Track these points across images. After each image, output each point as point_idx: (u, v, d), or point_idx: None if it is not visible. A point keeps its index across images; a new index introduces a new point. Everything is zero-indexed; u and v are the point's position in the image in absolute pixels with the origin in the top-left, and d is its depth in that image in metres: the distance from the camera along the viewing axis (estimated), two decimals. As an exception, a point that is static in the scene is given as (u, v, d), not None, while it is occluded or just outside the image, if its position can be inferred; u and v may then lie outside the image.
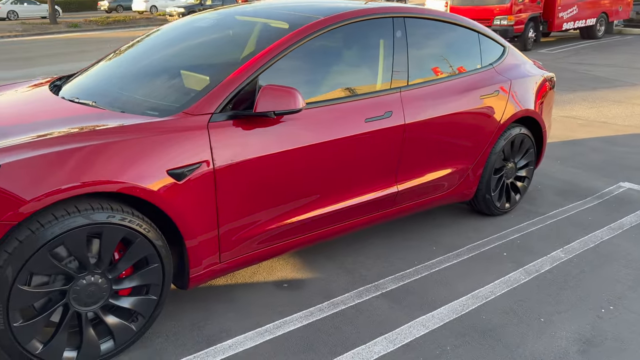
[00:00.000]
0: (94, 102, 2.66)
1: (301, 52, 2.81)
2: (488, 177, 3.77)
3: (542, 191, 4.52)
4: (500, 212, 4.00)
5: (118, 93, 2.73)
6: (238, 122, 2.51)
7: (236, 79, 2.54)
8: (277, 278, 3.08)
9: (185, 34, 3.19)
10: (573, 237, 3.68)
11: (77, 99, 2.74)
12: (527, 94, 3.90)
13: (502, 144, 3.77)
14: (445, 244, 3.55)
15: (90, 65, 3.34)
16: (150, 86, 2.71)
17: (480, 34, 3.78)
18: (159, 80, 2.75)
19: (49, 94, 2.88)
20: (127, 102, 2.60)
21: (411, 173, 3.27)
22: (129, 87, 2.77)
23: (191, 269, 2.45)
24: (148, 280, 2.31)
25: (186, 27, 3.28)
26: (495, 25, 13.00)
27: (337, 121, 2.82)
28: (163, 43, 3.14)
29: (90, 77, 3.07)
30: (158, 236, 2.28)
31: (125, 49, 3.33)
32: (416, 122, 3.16)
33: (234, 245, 2.59)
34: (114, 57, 3.25)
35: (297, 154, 2.67)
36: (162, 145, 2.26)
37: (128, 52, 3.23)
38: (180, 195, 2.29)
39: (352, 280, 3.07)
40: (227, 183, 2.45)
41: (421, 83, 3.26)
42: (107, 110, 2.52)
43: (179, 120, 2.36)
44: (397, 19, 3.23)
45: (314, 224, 2.89)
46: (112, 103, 2.62)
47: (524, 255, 3.42)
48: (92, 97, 2.74)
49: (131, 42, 3.42)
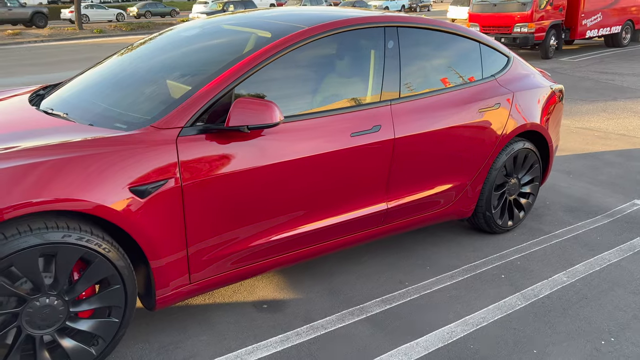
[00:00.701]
0: (65, 113, 2.57)
1: (283, 63, 2.69)
2: (488, 193, 3.59)
3: (550, 208, 4.31)
4: (502, 230, 3.81)
5: (92, 105, 2.64)
6: (211, 137, 2.39)
7: (210, 92, 2.43)
8: (258, 298, 2.95)
9: (169, 44, 3.09)
10: (578, 258, 3.47)
11: (51, 110, 2.66)
12: (532, 107, 3.71)
13: (504, 159, 3.58)
14: (441, 264, 3.38)
15: (77, 74, 3.27)
16: (125, 98, 2.62)
17: (482, 44, 3.60)
18: (134, 92, 2.65)
19: (25, 104, 2.81)
20: (98, 115, 2.51)
21: (402, 190, 3.11)
22: (104, 98, 2.68)
23: (157, 290, 2.34)
24: (109, 302, 2.21)
25: (172, 37, 3.19)
26: (515, 33, 12.73)
27: (321, 135, 2.69)
28: (146, 53, 3.05)
29: (72, 87, 2.99)
30: (120, 256, 2.17)
31: (109, 58, 3.25)
32: (407, 137, 3.01)
33: (205, 265, 2.47)
34: (97, 67, 3.18)
35: (275, 170, 2.54)
36: (125, 161, 2.15)
37: (111, 62, 3.15)
38: (143, 213, 2.18)
39: (336, 302, 2.92)
40: (196, 201, 2.33)
41: (414, 96, 3.11)
42: (76, 123, 2.43)
43: (145, 134, 2.26)
44: (390, 28, 3.08)
45: (295, 243, 2.75)
46: (83, 115, 2.53)
47: (523, 278, 3.22)
48: (67, 109, 2.65)
49: (116, 52, 3.34)
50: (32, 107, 2.73)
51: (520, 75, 3.78)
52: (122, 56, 3.17)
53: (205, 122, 2.42)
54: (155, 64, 2.86)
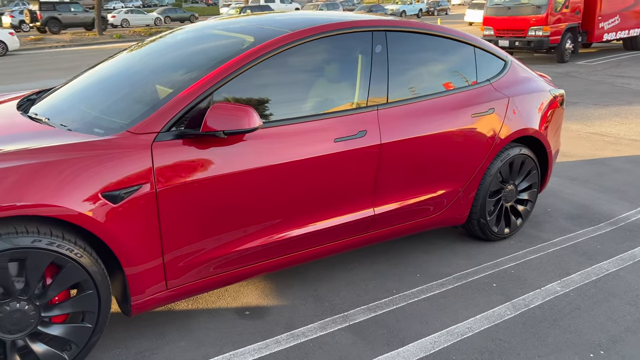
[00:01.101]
0: (47, 118, 2.59)
1: (266, 68, 2.67)
2: (482, 200, 3.52)
3: (551, 215, 4.21)
4: (498, 238, 3.73)
5: (75, 110, 2.65)
6: (189, 142, 2.38)
7: (187, 97, 2.42)
8: (241, 304, 2.92)
9: (158, 49, 3.10)
10: (575, 267, 3.38)
11: (35, 115, 2.68)
12: (529, 112, 3.63)
13: (499, 165, 3.51)
14: (431, 272, 3.32)
15: (70, 79, 3.30)
16: (106, 103, 2.62)
17: (477, 47, 3.54)
18: (116, 97, 2.65)
19: (12, 109, 2.83)
20: (78, 120, 2.52)
21: (390, 196, 3.06)
22: (87, 103, 2.69)
23: (132, 296, 2.33)
24: (82, 308, 2.20)
25: (161, 43, 3.20)
26: (529, 36, 12.56)
27: (302, 141, 2.66)
28: (134, 58, 3.06)
29: (61, 92, 3.01)
30: (93, 262, 2.17)
31: (100, 64, 3.27)
32: (395, 142, 2.96)
33: (183, 272, 2.46)
34: (88, 72, 3.20)
35: (254, 175, 2.52)
36: (98, 166, 2.15)
37: (100, 67, 3.17)
38: (117, 219, 2.17)
39: (320, 309, 2.89)
40: (172, 206, 2.32)
41: (403, 101, 3.06)
42: (55, 128, 2.44)
43: (120, 139, 2.25)
44: (378, 33, 3.05)
45: (277, 249, 2.72)
46: (64, 120, 2.54)
47: (516, 287, 3.15)
48: (50, 114, 2.67)
49: (108, 57, 3.36)
50: (17, 112, 2.76)
51: (518, 80, 3.70)
52: (110, 61, 3.18)
53: (185, 127, 2.41)
54: (140, 69, 2.87)
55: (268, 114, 2.64)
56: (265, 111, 2.63)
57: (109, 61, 3.21)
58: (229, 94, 2.55)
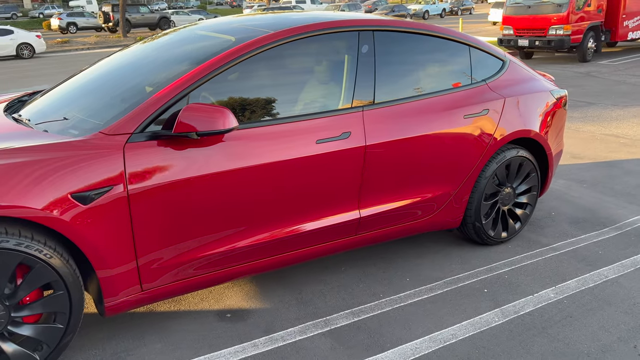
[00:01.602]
0: (28, 119, 2.61)
1: (245, 68, 2.64)
2: (477, 203, 3.43)
3: (555, 219, 4.09)
4: (494, 242, 3.63)
5: (56, 111, 2.67)
6: (165, 143, 2.37)
7: (163, 97, 2.41)
8: (224, 306, 2.90)
9: (143, 50, 3.10)
10: (572, 274, 3.27)
11: (19, 116, 2.71)
12: (528, 113, 3.53)
13: (494, 167, 3.42)
14: (422, 276, 3.25)
15: (61, 81, 3.33)
16: (86, 105, 2.63)
17: (472, 47, 3.46)
18: (96, 98, 2.66)
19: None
20: (57, 121, 2.53)
21: (376, 199, 3.00)
22: (68, 105, 2.70)
23: (105, 298, 2.33)
24: (53, 308, 2.21)
25: (148, 44, 3.20)
26: (550, 36, 12.30)
27: (283, 142, 2.63)
28: (120, 60, 3.07)
29: (50, 94, 3.04)
30: (63, 263, 2.17)
31: (91, 66, 3.29)
32: (380, 144, 2.91)
33: (159, 274, 2.45)
34: (78, 75, 3.22)
35: (232, 177, 2.50)
36: (68, 167, 2.15)
37: (90, 69, 3.19)
38: (87, 220, 2.17)
39: (303, 313, 2.85)
40: (145, 208, 2.31)
41: (390, 102, 3.00)
42: (32, 129, 2.46)
43: (92, 140, 2.25)
44: (365, 32, 2.99)
45: (258, 252, 2.70)
46: (43, 121, 2.56)
47: (507, 293, 3.06)
48: (33, 115, 2.70)
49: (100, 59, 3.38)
50: (2, 113, 2.79)
51: (516, 80, 3.61)
52: (99, 63, 3.20)
53: (162, 128, 2.40)
54: (124, 71, 2.87)
55: (247, 115, 2.61)
56: (245, 112, 2.61)
57: (98, 63, 3.23)
58: (207, 95, 2.53)
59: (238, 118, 2.59)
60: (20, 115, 2.73)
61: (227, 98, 2.58)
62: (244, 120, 2.59)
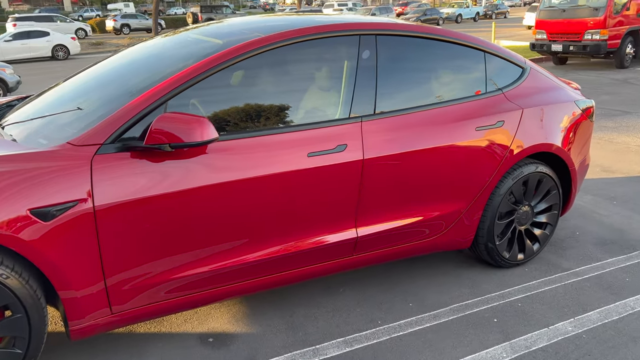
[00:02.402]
0: (2, 127, 2.47)
1: (231, 74, 2.45)
2: (490, 222, 3.15)
3: (579, 239, 3.77)
4: (510, 265, 3.34)
5: (32, 118, 2.52)
6: (140, 155, 2.19)
7: (138, 106, 2.23)
8: (207, 329, 2.71)
9: (133, 55, 2.93)
10: (594, 304, 2.96)
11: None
12: (548, 125, 3.23)
13: (510, 184, 3.13)
14: (428, 301, 2.99)
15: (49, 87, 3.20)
16: (62, 113, 2.46)
17: (488, 53, 3.18)
18: (74, 106, 2.49)
19: None
20: (29, 129, 2.38)
21: (376, 217, 2.77)
22: (45, 112, 2.55)
23: (69, 321, 2.16)
24: (11, 332, 2.05)
25: (138, 48, 3.04)
26: (585, 40, 11.78)
27: (270, 155, 2.42)
28: (108, 66, 2.91)
29: (35, 100, 2.90)
30: (22, 284, 2.01)
31: (79, 71, 3.15)
32: (380, 157, 2.67)
33: (129, 296, 2.27)
34: (66, 81, 3.08)
35: (212, 192, 2.30)
36: (28, 180, 1.99)
37: (78, 75, 3.04)
38: (48, 238, 2.01)
39: (291, 340, 2.63)
40: (114, 225, 2.13)
41: (392, 112, 2.76)
42: (1, 137, 2.32)
43: (58, 151, 2.09)
44: (366, 36, 2.76)
45: (242, 273, 2.49)
46: (16, 130, 2.42)
47: (519, 324, 2.77)
48: (10, 122, 2.56)
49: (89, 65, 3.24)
50: None
51: (536, 89, 3.31)
52: (88, 69, 3.05)
53: (138, 139, 2.22)
54: (109, 77, 2.71)
55: (232, 126, 2.41)
56: (229, 122, 2.41)
57: (86, 69, 3.08)
58: (188, 103, 2.34)
59: (222, 128, 2.39)
60: (1, 123, 2.59)
61: (209, 106, 2.39)
62: (228, 131, 2.40)
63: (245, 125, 2.44)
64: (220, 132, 2.38)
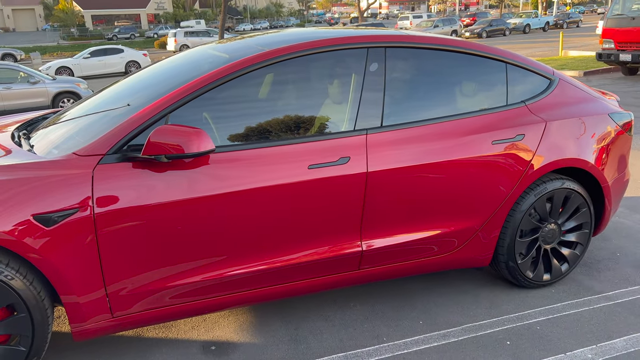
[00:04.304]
0: (27, 137, 2.65)
1: (235, 88, 2.50)
2: (510, 240, 3.02)
3: (619, 260, 3.53)
4: (534, 285, 3.18)
5: (56, 130, 2.68)
6: (142, 165, 2.28)
7: (141, 118, 2.33)
8: (212, 337, 2.75)
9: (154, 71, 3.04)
10: (622, 331, 2.76)
11: (24, 135, 2.76)
12: (576, 139, 3.07)
13: (532, 200, 2.99)
14: (439, 319, 2.90)
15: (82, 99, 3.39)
16: (82, 125, 2.59)
17: (510, 64, 3.07)
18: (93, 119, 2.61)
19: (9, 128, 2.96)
20: (46, 140, 2.54)
21: (383, 231, 2.72)
22: (68, 124, 2.70)
23: (71, 323, 2.26)
24: (15, 330, 2.18)
25: (160, 65, 3.16)
26: (655, 49, 11.07)
27: (270, 167, 2.45)
28: (133, 80, 3.04)
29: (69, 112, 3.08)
30: (25, 285, 2.13)
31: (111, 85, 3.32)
32: (386, 171, 2.63)
33: (131, 301, 2.35)
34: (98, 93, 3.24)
35: (212, 202, 2.35)
36: (33, 188, 2.12)
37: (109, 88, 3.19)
38: (49, 244, 2.12)
39: (291, 353, 2.62)
40: (113, 232, 2.23)
41: (400, 125, 2.72)
42: (19, 148, 2.48)
43: (62, 161, 2.21)
44: (375, 49, 2.74)
45: (244, 283, 2.52)
46: (37, 141, 2.58)
47: (533, 348, 2.63)
48: (37, 134, 2.74)
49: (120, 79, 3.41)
50: (7, 132, 2.86)
51: (564, 102, 3.15)
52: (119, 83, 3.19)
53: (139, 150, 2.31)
54: (129, 91, 2.84)
55: (233, 137, 2.47)
56: (231, 134, 2.46)
57: (117, 83, 3.23)
58: (190, 115, 2.42)
59: (223, 140, 2.45)
60: (25, 133, 2.78)
61: (211, 119, 2.46)
62: (228, 143, 2.45)
63: (249, 137, 2.48)
64: (222, 144, 2.43)
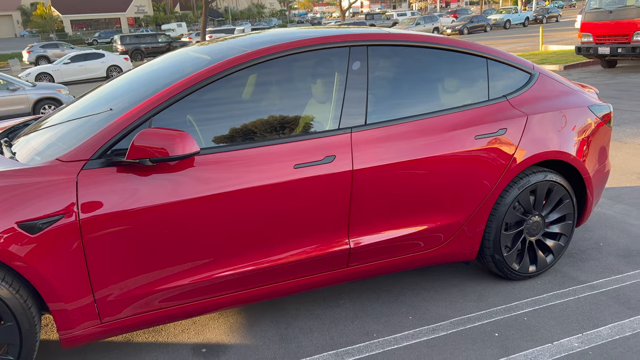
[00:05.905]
0: (9, 144, 2.62)
1: (218, 89, 2.50)
2: (496, 233, 3.05)
3: (602, 251, 3.59)
4: (521, 277, 3.22)
5: (38, 136, 2.66)
6: (126, 169, 2.27)
7: (124, 122, 2.32)
8: (202, 340, 2.75)
9: (137, 74, 3.04)
10: (607, 319, 2.81)
11: (5, 142, 2.73)
12: (557, 132, 3.11)
13: (516, 193, 3.03)
14: (428, 314, 2.92)
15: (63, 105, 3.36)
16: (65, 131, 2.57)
17: (491, 59, 3.11)
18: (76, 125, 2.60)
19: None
20: (28, 147, 2.52)
21: (369, 228, 2.74)
22: (51, 131, 2.68)
23: (59, 330, 2.25)
24: (1, 339, 2.16)
25: (142, 68, 3.14)
26: (635, 42, 11.25)
27: (256, 167, 2.45)
28: (115, 85, 3.03)
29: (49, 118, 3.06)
30: (11, 294, 2.11)
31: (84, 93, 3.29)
32: (371, 168, 2.65)
33: (121, 306, 2.34)
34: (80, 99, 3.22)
35: (198, 205, 2.35)
36: (17, 195, 2.10)
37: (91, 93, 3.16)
38: (34, 251, 2.11)
39: (282, 352, 2.63)
40: (100, 238, 2.21)
41: (385, 122, 2.74)
42: (1, 156, 2.46)
43: (46, 167, 2.20)
44: (357, 47, 2.76)
45: (232, 284, 2.52)
46: (18, 147, 2.56)
47: (521, 339, 2.67)
48: (19, 140, 2.71)
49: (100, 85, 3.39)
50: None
51: (544, 95, 3.20)
52: (100, 88, 3.17)
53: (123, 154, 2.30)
54: (112, 95, 2.81)
55: (218, 139, 2.47)
56: (215, 136, 2.46)
57: (98, 88, 3.21)
58: (173, 118, 2.41)
59: (208, 142, 2.45)
60: (7, 140, 2.75)
61: (195, 121, 2.45)
62: (213, 145, 2.45)
63: (234, 138, 2.49)
64: (207, 146, 2.43)
